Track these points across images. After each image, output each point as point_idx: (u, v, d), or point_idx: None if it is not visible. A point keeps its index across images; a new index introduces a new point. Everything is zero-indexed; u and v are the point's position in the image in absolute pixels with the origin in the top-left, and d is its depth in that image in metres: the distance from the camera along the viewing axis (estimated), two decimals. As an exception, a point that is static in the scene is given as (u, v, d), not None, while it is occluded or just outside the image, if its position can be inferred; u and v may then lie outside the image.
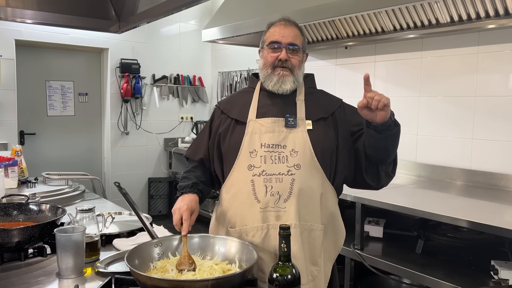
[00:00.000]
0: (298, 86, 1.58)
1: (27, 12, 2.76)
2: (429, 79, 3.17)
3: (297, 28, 1.56)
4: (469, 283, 2.03)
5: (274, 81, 1.53)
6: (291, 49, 1.52)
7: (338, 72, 3.82)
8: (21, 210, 1.79)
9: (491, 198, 2.53)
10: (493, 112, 2.81)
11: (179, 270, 1.29)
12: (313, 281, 1.48)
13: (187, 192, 1.53)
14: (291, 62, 1.52)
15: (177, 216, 1.44)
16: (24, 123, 4.61)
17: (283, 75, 1.52)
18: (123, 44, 4.99)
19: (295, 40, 1.53)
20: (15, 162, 2.57)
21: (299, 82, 1.57)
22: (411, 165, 3.25)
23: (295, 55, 1.53)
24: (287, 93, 1.55)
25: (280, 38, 1.52)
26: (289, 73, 1.52)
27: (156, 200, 5.41)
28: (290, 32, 1.53)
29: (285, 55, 1.51)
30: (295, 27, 1.55)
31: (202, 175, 1.62)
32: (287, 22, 1.55)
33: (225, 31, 3.63)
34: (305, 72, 1.65)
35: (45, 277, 1.40)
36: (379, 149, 1.47)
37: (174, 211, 1.46)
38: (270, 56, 1.54)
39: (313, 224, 1.48)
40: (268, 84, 1.55)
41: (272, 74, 1.53)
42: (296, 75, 1.54)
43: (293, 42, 1.52)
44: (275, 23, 1.57)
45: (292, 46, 1.52)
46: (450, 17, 2.62)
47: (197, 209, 1.50)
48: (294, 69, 1.53)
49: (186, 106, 5.60)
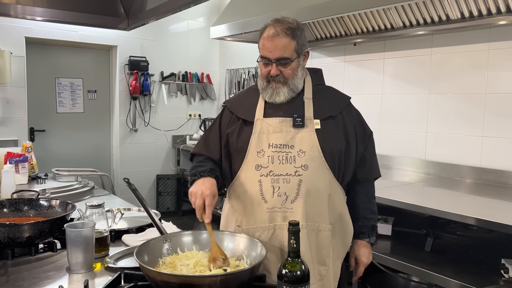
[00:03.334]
0: (306, 84, 1.57)
1: (37, 9, 2.78)
2: (438, 76, 3.14)
3: (287, 35, 1.46)
4: (479, 282, 2.01)
5: (269, 94, 1.53)
6: (281, 63, 1.48)
7: (347, 69, 3.80)
8: (31, 206, 1.80)
9: (501, 196, 2.51)
10: (504, 110, 2.78)
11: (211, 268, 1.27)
12: (321, 281, 1.48)
13: (205, 175, 1.46)
14: (283, 75, 1.50)
15: (199, 201, 1.35)
16: (34, 120, 4.65)
17: (276, 87, 1.51)
18: (131, 41, 5.01)
19: (284, 52, 1.46)
20: (25, 158, 2.59)
21: (298, 87, 1.54)
22: (420, 163, 3.23)
23: (287, 67, 1.49)
24: (282, 102, 1.53)
25: (268, 54, 1.48)
26: (282, 85, 1.51)
27: (164, 197, 5.44)
28: (278, 45, 1.45)
29: (275, 70, 1.48)
30: (283, 36, 1.45)
31: (215, 166, 1.58)
32: (275, 32, 1.46)
33: (233, 28, 3.63)
34: (313, 67, 1.64)
35: (56, 272, 1.41)
36: None
37: (195, 194, 1.37)
38: (263, 70, 1.53)
39: (321, 225, 1.48)
40: (265, 96, 1.55)
41: (267, 87, 1.53)
42: (291, 84, 1.51)
43: (282, 56, 1.46)
44: (264, 32, 1.50)
45: (280, 61, 1.47)
46: (460, 13, 2.60)
47: (217, 194, 1.42)
48: (288, 80, 1.50)
49: (194, 104, 5.61)
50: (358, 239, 1.66)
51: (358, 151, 1.59)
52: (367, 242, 1.66)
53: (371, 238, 1.67)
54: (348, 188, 1.63)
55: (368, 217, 1.65)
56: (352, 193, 1.64)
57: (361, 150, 1.60)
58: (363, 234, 1.65)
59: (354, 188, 1.64)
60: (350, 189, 1.64)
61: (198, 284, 1.10)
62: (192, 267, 1.28)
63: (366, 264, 1.68)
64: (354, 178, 1.62)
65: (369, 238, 1.66)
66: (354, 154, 1.56)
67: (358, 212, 1.64)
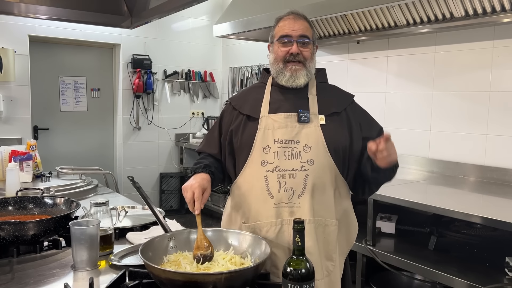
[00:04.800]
0: (310, 80, 1.57)
1: (41, 8, 2.79)
2: (442, 74, 3.13)
3: (307, 21, 1.55)
4: (483, 280, 2.01)
5: (287, 77, 1.52)
6: (302, 42, 1.51)
7: (350, 67, 3.80)
8: (36, 204, 1.81)
9: (505, 194, 2.50)
10: (508, 108, 2.77)
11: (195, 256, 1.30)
12: (328, 276, 1.48)
13: (199, 171, 1.49)
14: (303, 55, 1.51)
15: (189, 193, 1.39)
16: (38, 118, 4.66)
17: (295, 69, 1.51)
18: (135, 39, 5.02)
19: (306, 32, 1.52)
20: (29, 156, 2.60)
21: (312, 74, 1.56)
22: (423, 161, 3.22)
23: (306, 47, 1.52)
24: (301, 86, 1.54)
25: (290, 31, 1.51)
26: (301, 67, 1.52)
27: (168, 195, 5.45)
28: (300, 25, 1.52)
29: (296, 48, 1.50)
30: (304, 20, 1.54)
31: (215, 162, 1.60)
32: (296, 16, 1.54)
33: (236, 26, 3.62)
34: (316, 67, 1.64)
35: (60, 269, 1.42)
36: (371, 177, 1.49)
37: (185, 189, 1.41)
38: (281, 51, 1.53)
39: (327, 220, 1.48)
40: (281, 79, 1.54)
41: (284, 69, 1.52)
42: (308, 67, 1.53)
43: (304, 34, 1.51)
44: (284, 17, 1.56)
45: (303, 39, 1.51)
46: (464, 10, 2.58)
47: (209, 188, 1.45)
48: (307, 62, 1.52)
49: (197, 102, 5.62)
50: None
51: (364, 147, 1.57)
52: None
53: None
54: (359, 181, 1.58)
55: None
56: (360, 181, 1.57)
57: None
58: None
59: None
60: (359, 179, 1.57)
61: (203, 282, 1.11)
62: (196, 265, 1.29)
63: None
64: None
65: None
66: (359, 150, 1.56)
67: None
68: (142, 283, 1.23)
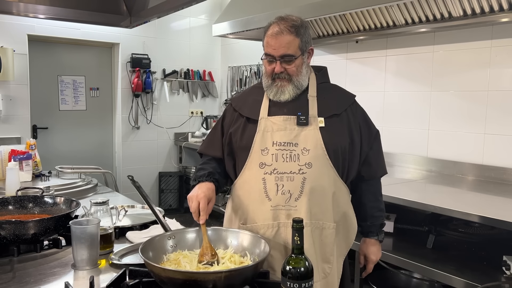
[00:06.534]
0: (310, 81, 1.57)
1: (40, 7, 2.79)
2: (441, 73, 3.15)
3: (291, 33, 1.46)
4: (481, 279, 2.02)
5: (274, 92, 1.53)
6: (285, 60, 1.48)
7: (349, 67, 3.80)
8: (36, 203, 1.82)
9: (503, 193, 2.51)
10: (506, 107, 2.78)
11: (200, 262, 1.30)
12: (325, 278, 1.49)
13: (203, 180, 1.50)
14: (287, 72, 1.49)
15: (194, 204, 1.40)
16: (37, 117, 4.66)
17: (281, 85, 1.51)
18: (134, 39, 5.02)
19: (288, 49, 1.46)
20: (29, 155, 2.60)
21: (303, 85, 1.54)
22: (422, 160, 3.24)
23: (290, 64, 1.48)
24: (288, 100, 1.53)
25: (272, 51, 1.48)
26: (287, 83, 1.50)
27: (167, 194, 5.46)
28: (282, 42, 1.45)
29: (279, 67, 1.48)
30: (287, 33, 1.45)
31: (218, 167, 1.60)
32: (279, 30, 1.46)
33: (235, 26, 3.63)
34: (317, 65, 1.64)
35: (61, 268, 1.43)
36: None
37: (191, 198, 1.42)
38: (267, 68, 1.53)
39: (325, 223, 1.48)
40: (269, 94, 1.55)
41: (272, 85, 1.53)
42: (295, 81, 1.51)
43: (285, 53, 1.46)
44: (269, 28, 1.50)
45: (284, 57, 1.47)
46: (463, 10, 2.59)
47: (213, 197, 1.46)
48: (292, 77, 1.50)
49: (196, 101, 5.62)
50: (367, 237, 1.68)
51: (363, 150, 1.59)
52: (375, 240, 1.68)
53: (380, 235, 1.68)
54: (354, 186, 1.63)
55: (376, 216, 1.66)
56: (358, 192, 1.65)
57: (366, 149, 1.60)
58: (371, 233, 1.67)
59: (361, 186, 1.64)
60: (356, 187, 1.64)
61: (203, 280, 1.11)
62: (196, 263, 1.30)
63: (375, 261, 1.71)
64: (360, 176, 1.62)
65: (378, 236, 1.68)
66: (359, 152, 1.56)
67: (365, 211, 1.65)
68: (142, 281, 1.24)
